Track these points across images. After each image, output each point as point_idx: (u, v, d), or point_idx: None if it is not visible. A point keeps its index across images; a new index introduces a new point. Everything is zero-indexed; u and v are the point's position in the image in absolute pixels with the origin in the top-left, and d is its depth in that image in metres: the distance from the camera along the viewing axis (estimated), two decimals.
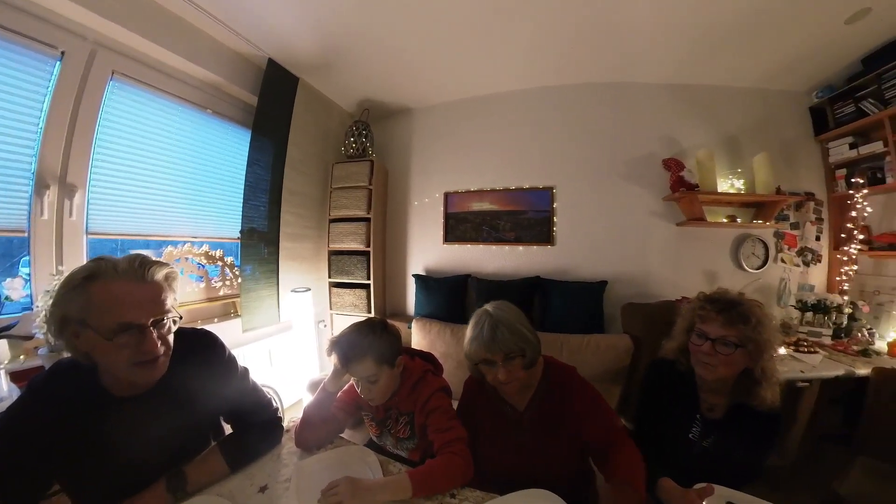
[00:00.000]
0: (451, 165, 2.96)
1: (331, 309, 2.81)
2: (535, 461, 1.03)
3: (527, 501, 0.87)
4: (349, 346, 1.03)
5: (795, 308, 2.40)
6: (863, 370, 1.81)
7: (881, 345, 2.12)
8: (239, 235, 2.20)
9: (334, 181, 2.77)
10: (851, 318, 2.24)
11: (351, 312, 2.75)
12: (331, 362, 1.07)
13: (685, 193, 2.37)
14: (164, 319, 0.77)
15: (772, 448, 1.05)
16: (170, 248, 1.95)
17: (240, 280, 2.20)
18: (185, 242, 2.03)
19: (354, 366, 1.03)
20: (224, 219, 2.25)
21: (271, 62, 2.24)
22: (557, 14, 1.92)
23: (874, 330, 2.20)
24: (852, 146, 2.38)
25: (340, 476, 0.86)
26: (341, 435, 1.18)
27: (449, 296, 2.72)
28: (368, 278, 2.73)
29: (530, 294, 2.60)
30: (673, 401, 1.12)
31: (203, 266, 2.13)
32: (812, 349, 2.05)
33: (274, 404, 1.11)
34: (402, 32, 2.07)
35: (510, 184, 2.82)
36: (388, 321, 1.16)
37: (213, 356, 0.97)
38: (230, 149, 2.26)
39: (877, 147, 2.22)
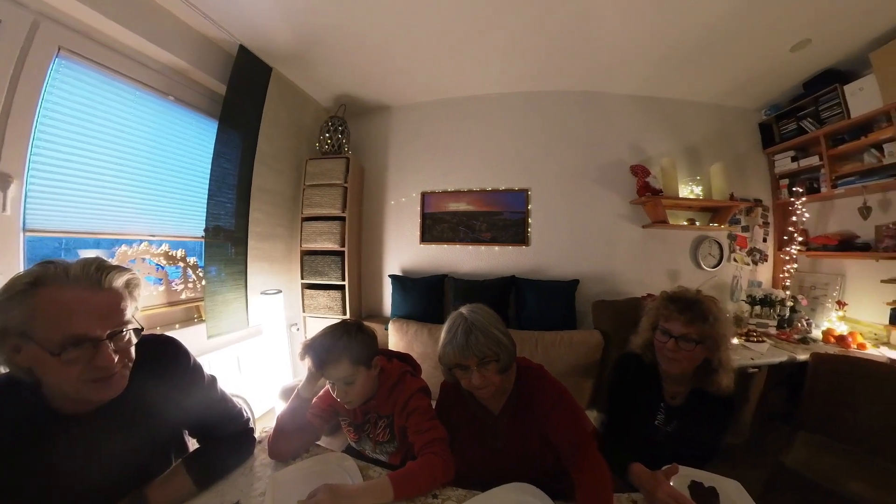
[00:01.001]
0: (428, 165, 2.94)
1: (304, 311, 2.68)
2: (511, 465, 1.03)
3: (508, 494, 0.88)
4: (324, 349, 1.00)
5: (746, 302, 2.66)
6: (802, 356, 2.03)
7: (817, 333, 2.39)
8: (203, 234, 2.04)
9: (308, 178, 2.65)
10: (793, 310, 2.50)
11: (325, 315, 2.64)
12: (304, 367, 1.03)
13: (650, 198, 2.53)
14: (122, 331, 0.69)
15: (728, 429, 1.16)
16: (124, 247, 1.76)
17: (204, 282, 2.04)
18: (141, 241, 1.84)
19: (330, 369, 1.00)
20: (186, 216, 2.07)
21: (243, 49, 2.09)
22: (536, 22, 1.98)
23: (811, 320, 2.47)
24: (794, 159, 2.66)
25: (318, 485, 0.82)
26: (318, 443, 1.13)
27: (426, 296, 2.70)
28: (343, 279, 2.64)
29: (506, 293, 2.65)
30: (640, 391, 1.20)
31: (162, 267, 1.95)
32: (760, 339, 2.29)
33: (245, 414, 1.04)
34: (384, 28, 2.02)
35: (487, 185, 2.85)
36: (364, 322, 1.13)
37: (176, 365, 0.88)
38: (194, 140, 2.08)
39: (814, 161, 2.50)
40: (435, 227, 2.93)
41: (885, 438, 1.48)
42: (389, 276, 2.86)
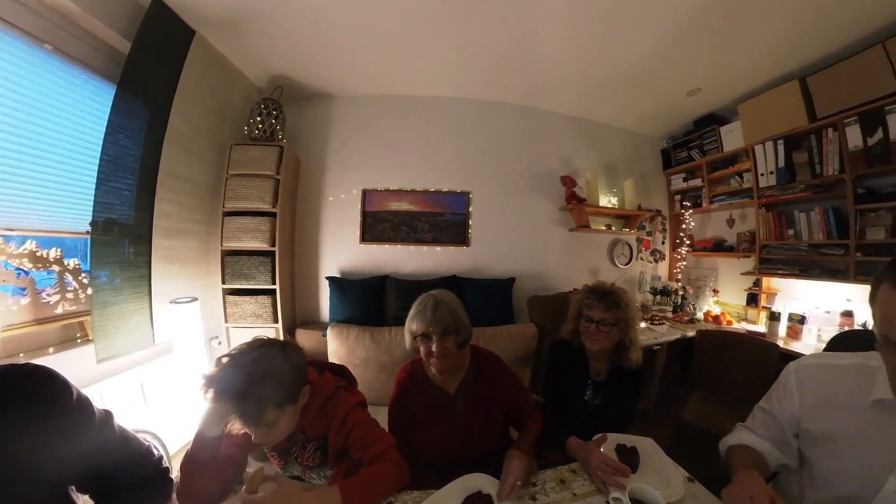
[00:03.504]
0: (371, 161, 2.80)
1: (226, 322, 2.28)
2: (467, 438, 1.16)
3: (464, 485, 0.92)
4: (238, 393, 0.78)
5: (650, 293, 3.20)
6: (691, 333, 2.56)
7: (700, 315, 3.06)
8: (89, 229, 1.59)
9: (232, 166, 2.25)
10: (683, 298, 3.11)
11: (253, 324, 2.30)
12: (206, 400, 0.80)
13: (576, 205, 2.85)
14: None
15: (640, 395, 1.41)
16: None
17: (90, 291, 1.59)
18: None
19: (246, 418, 0.81)
20: (64, 205, 1.58)
21: (158, 2, 1.69)
22: (488, 35, 2.06)
23: (696, 305, 3.14)
24: (684, 180, 3.31)
25: None
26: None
27: (366, 298, 2.57)
28: (274, 283, 2.33)
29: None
30: (571, 372, 1.38)
31: (26, 273, 1.46)
32: (661, 322, 2.81)
33: (155, 452, 0.86)
34: (334, 9, 1.85)
35: (430, 186, 2.85)
36: (289, 340, 0.98)
37: (51, 403, 0.67)
38: (80, 106, 1.59)
39: (698, 182, 3.16)
40: (376, 226, 2.81)
41: (747, 388, 1.99)
42: (327, 277, 2.64)
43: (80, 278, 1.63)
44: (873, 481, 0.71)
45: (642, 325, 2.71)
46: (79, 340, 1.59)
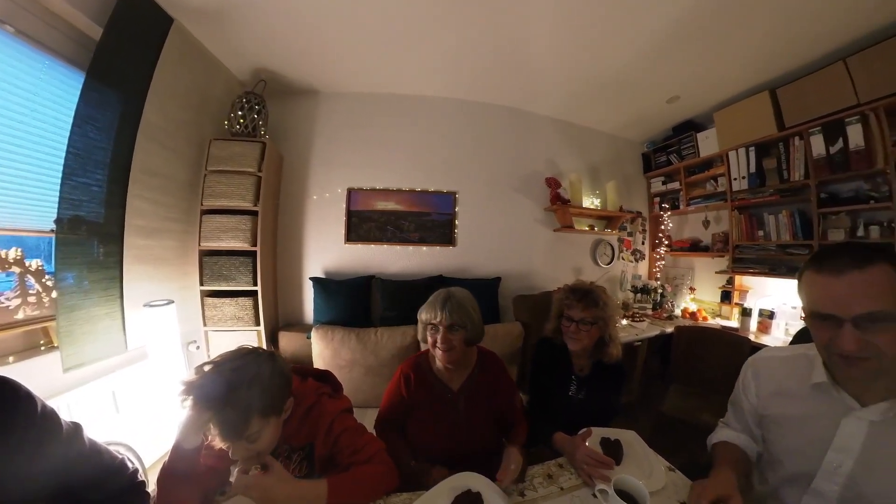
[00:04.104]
0: (356, 160, 2.75)
1: (205, 325, 2.16)
2: (465, 435, 1.18)
3: (453, 484, 0.92)
4: (222, 402, 0.74)
5: (631, 292, 3.31)
6: (669, 329, 2.66)
7: (678, 311, 3.18)
8: (54, 227, 1.48)
9: (211, 162, 2.14)
10: (662, 295, 3.24)
11: (234, 327, 2.20)
12: (184, 408, 0.75)
13: (560, 206, 2.91)
14: None
15: (622, 390, 1.45)
16: None
17: (55, 294, 1.48)
18: None
19: (230, 429, 0.75)
20: (25, 201, 1.45)
21: None
22: (478, 36, 2.06)
23: (674, 302, 3.26)
24: (663, 183, 3.45)
25: None
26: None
27: (352, 299, 2.52)
28: (255, 284, 2.23)
29: (434, 292, 2.67)
30: (555, 368, 1.41)
31: None
32: (641, 319, 2.90)
33: (129, 465, 0.83)
34: (319, 1, 1.79)
35: (416, 185, 2.83)
36: (275, 352, 0.91)
37: (12, 417, 0.63)
38: (44, 95, 1.47)
39: (676, 185, 3.30)
40: (362, 225, 2.76)
41: (720, 380, 2.07)
42: (311, 278, 2.56)
43: (43, 280, 1.51)
44: (815, 457, 0.79)
45: (624, 322, 2.80)
46: (43, 348, 1.47)
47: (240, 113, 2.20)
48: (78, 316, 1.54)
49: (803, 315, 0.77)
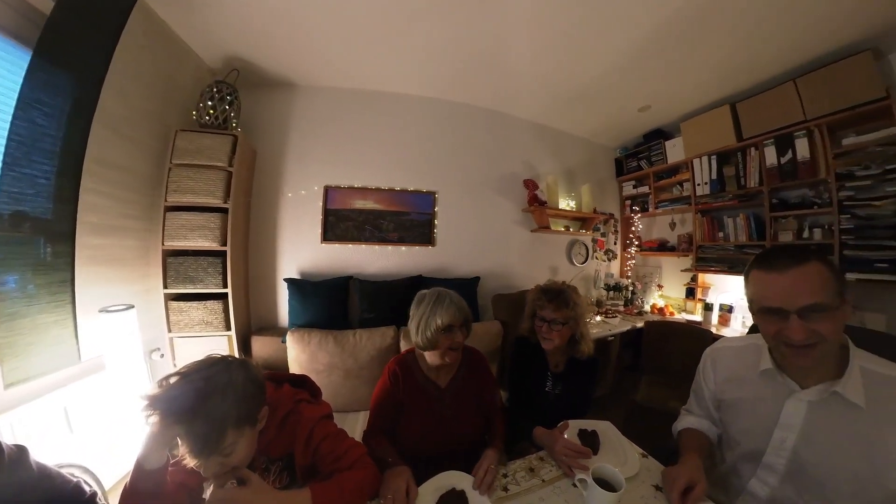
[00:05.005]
0: (334, 157, 2.66)
1: (170, 331, 1.99)
2: (454, 431, 1.21)
3: (438, 484, 0.94)
4: (191, 414, 0.68)
5: (604, 289, 3.44)
6: (640, 324, 2.80)
7: (647, 307, 3.38)
8: None
9: (177, 155, 1.97)
10: (633, 292, 3.41)
11: (202, 332, 2.05)
12: (148, 424, 0.70)
13: (538, 207, 2.98)
14: None
15: (596, 383, 1.51)
16: None
17: None
18: None
19: (202, 443, 0.70)
20: None
21: None
22: (458, 36, 2.06)
23: (644, 299, 3.47)
24: (634, 186, 3.64)
25: None
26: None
27: (329, 300, 2.44)
28: (225, 286, 2.09)
29: (414, 292, 2.62)
30: (532, 366, 1.46)
31: None
32: (614, 315, 3.03)
33: (86, 489, 0.78)
34: None
35: (396, 184, 2.78)
36: (245, 358, 0.86)
37: None
38: None
39: (645, 189, 3.49)
40: (339, 225, 2.67)
41: (686, 370, 2.19)
42: (285, 279, 2.44)
43: None
44: (765, 435, 0.88)
45: (597, 318, 2.93)
46: None
47: (210, 103, 2.04)
48: (21, 325, 1.37)
49: (753, 312, 0.85)
